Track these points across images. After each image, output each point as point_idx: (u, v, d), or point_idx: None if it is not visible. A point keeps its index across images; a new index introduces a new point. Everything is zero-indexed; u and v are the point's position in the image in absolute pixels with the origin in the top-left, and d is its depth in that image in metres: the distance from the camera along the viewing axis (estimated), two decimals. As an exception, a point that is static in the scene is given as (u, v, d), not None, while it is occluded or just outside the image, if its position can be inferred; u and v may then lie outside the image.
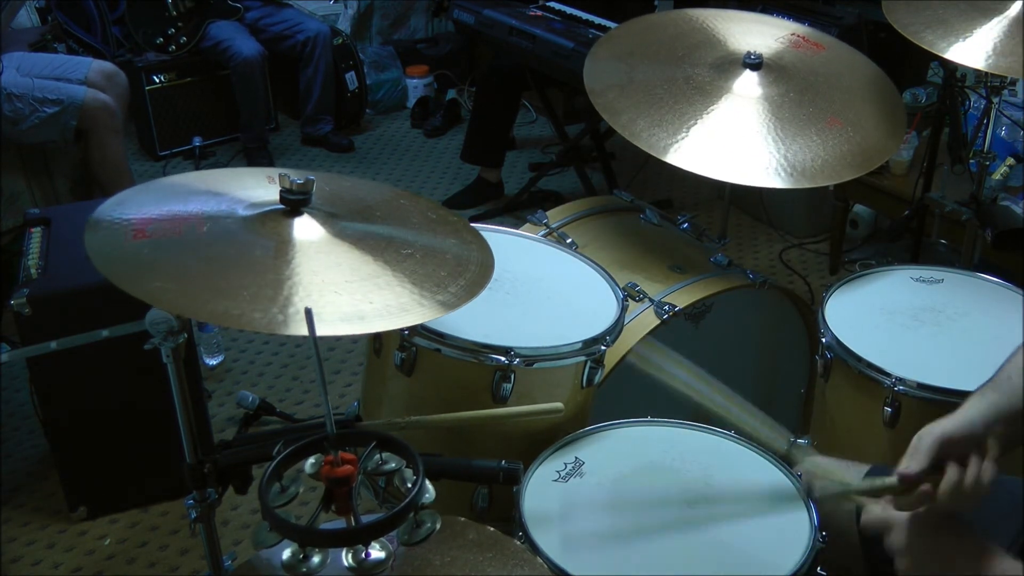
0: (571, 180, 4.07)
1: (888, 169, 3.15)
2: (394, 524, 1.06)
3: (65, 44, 3.85)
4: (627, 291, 1.99)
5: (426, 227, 1.44)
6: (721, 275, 2.10)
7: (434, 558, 1.31)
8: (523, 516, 1.41)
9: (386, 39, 5.22)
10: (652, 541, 1.39)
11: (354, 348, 3.00)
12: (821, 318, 1.84)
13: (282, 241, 1.23)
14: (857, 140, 1.93)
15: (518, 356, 1.66)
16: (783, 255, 3.61)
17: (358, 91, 4.66)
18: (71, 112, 3.15)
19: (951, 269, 2.01)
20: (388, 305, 1.18)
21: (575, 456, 1.56)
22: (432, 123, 4.75)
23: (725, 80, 2.00)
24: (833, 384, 1.83)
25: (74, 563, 2.27)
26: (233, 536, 2.33)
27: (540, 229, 2.23)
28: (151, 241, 1.22)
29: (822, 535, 1.38)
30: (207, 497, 1.34)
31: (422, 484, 1.08)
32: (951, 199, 2.39)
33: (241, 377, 2.92)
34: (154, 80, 4.24)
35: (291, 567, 1.05)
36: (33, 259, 2.26)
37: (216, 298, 1.13)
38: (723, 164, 1.86)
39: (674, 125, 1.90)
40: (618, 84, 2.02)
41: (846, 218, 3.45)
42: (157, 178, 1.46)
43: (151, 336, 1.24)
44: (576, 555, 1.35)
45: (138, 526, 2.37)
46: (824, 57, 2.12)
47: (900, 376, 1.67)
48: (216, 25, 4.22)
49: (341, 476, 1.06)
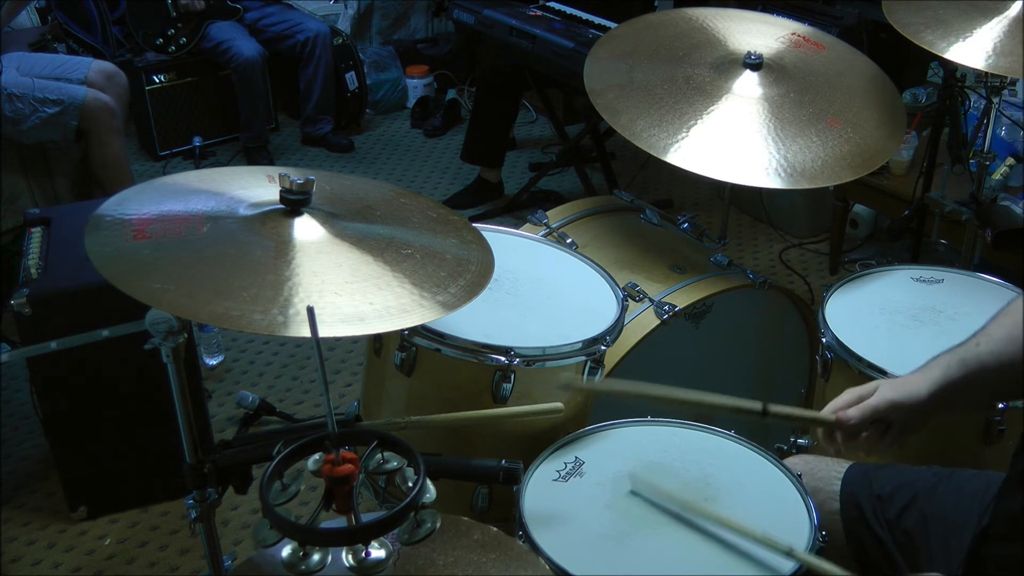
0: (571, 180, 4.07)
1: (888, 169, 3.15)
2: (395, 523, 1.06)
3: (65, 44, 3.85)
4: (627, 291, 1.99)
5: (426, 227, 1.44)
6: (721, 275, 2.10)
7: (438, 558, 1.31)
8: (523, 516, 1.41)
9: (386, 39, 5.22)
10: (652, 541, 1.39)
11: (354, 348, 3.00)
12: (821, 318, 1.84)
13: (282, 241, 1.23)
14: (857, 140, 1.93)
15: (518, 356, 1.66)
16: (783, 255, 3.61)
17: (358, 91, 4.67)
18: (71, 112, 3.15)
19: (951, 269, 2.01)
20: (388, 306, 1.18)
21: (575, 456, 1.56)
22: (432, 123, 4.75)
23: (725, 80, 2.00)
24: (833, 384, 1.83)
25: (74, 563, 2.27)
26: (233, 536, 2.33)
27: (540, 229, 2.23)
28: (151, 241, 1.22)
29: (822, 535, 1.38)
30: (207, 497, 1.35)
31: (423, 483, 1.08)
32: (951, 199, 2.39)
33: (241, 377, 2.92)
34: (154, 80, 4.24)
35: (291, 565, 1.05)
36: (33, 259, 2.26)
37: (216, 299, 1.13)
38: (723, 164, 1.86)
39: (674, 125, 1.90)
40: (618, 84, 2.02)
41: (846, 218, 3.45)
42: (157, 178, 1.46)
43: (151, 336, 1.24)
44: (576, 555, 1.35)
45: (138, 526, 2.37)
46: (824, 57, 2.12)
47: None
48: (216, 26, 4.22)
49: (342, 475, 1.06)
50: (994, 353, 1.28)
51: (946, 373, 1.29)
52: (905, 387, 1.30)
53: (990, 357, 1.28)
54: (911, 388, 1.29)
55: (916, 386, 1.29)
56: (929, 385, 1.29)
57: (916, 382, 1.30)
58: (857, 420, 1.30)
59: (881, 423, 1.31)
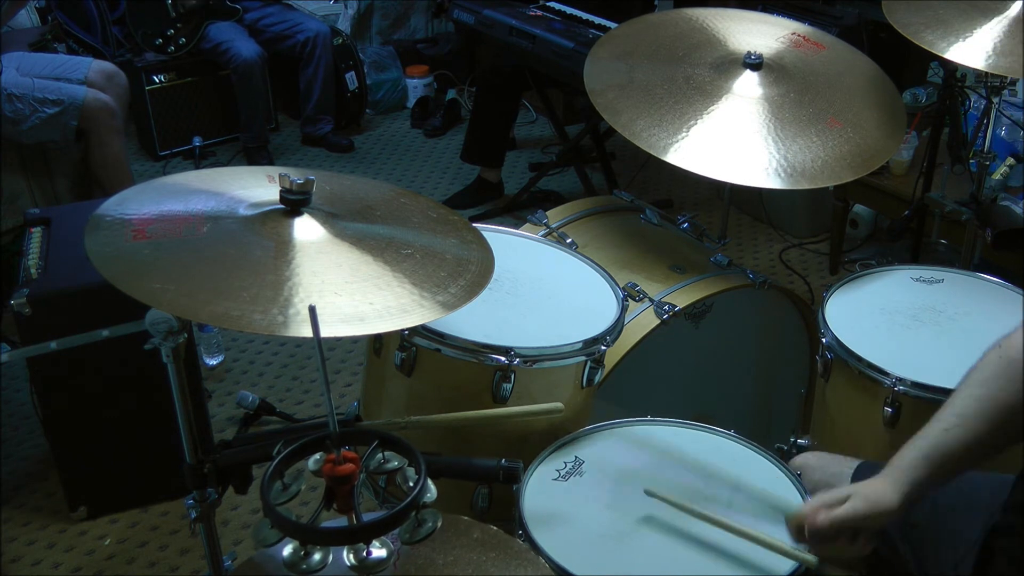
0: (571, 180, 4.07)
1: (888, 169, 3.15)
2: (396, 523, 1.06)
3: (65, 44, 3.85)
4: (627, 291, 1.99)
5: (426, 227, 1.44)
6: (721, 275, 2.10)
7: (438, 557, 1.31)
8: (523, 515, 1.41)
9: (386, 39, 5.22)
10: (652, 541, 1.40)
11: (354, 348, 3.00)
12: (821, 318, 1.84)
13: (282, 241, 1.23)
14: (857, 141, 1.93)
15: (518, 356, 1.66)
16: (783, 255, 3.61)
17: (358, 91, 4.66)
18: (72, 112, 3.15)
19: (951, 269, 2.01)
20: (388, 306, 1.18)
21: (575, 456, 1.56)
22: (432, 123, 4.75)
23: (725, 80, 2.00)
24: (833, 384, 1.83)
25: (74, 563, 2.27)
26: (233, 536, 2.33)
27: (540, 229, 2.23)
28: (151, 241, 1.22)
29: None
30: (207, 497, 1.35)
31: (424, 483, 1.08)
32: (951, 199, 2.39)
33: (241, 377, 2.92)
34: (154, 80, 4.24)
35: (292, 565, 1.05)
36: (33, 259, 2.26)
37: (216, 299, 1.13)
38: (723, 164, 1.86)
39: (674, 125, 1.90)
40: (618, 84, 2.02)
41: (846, 218, 3.45)
42: (157, 178, 1.46)
43: (151, 336, 1.24)
44: (576, 554, 1.35)
45: (138, 526, 2.37)
46: (824, 57, 2.12)
47: (900, 376, 1.67)
48: (216, 26, 4.22)
49: (344, 474, 1.06)
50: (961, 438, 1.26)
51: (915, 479, 1.27)
52: (875, 498, 1.28)
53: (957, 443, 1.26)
54: (882, 498, 1.27)
55: (886, 496, 1.27)
56: (898, 492, 1.27)
57: (885, 492, 1.28)
58: (827, 529, 1.30)
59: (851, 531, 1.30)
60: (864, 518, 1.28)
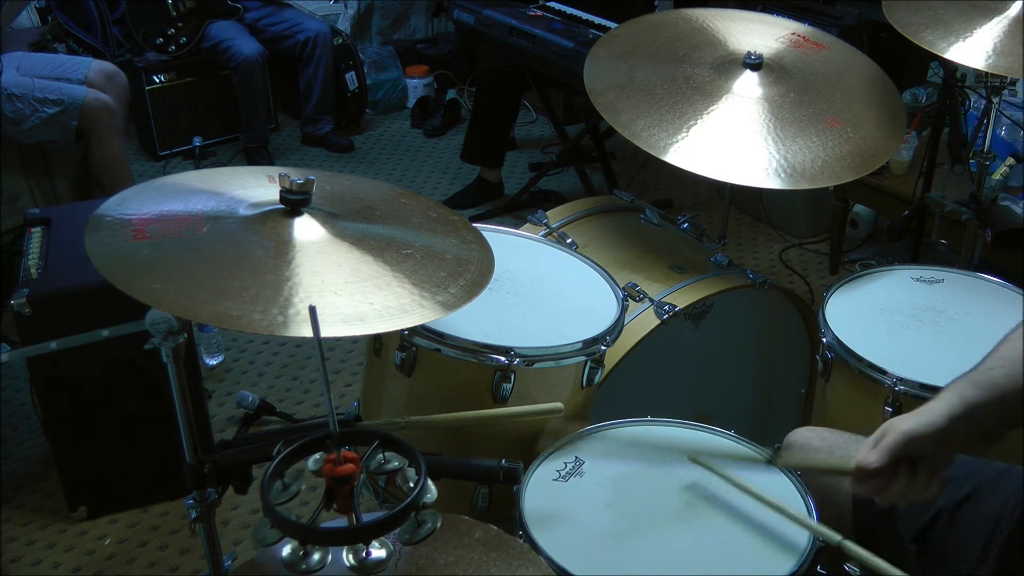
0: (571, 180, 4.07)
1: (888, 169, 3.15)
2: (396, 523, 1.06)
3: (65, 44, 3.85)
4: (627, 291, 1.99)
5: (426, 227, 1.44)
6: (721, 275, 2.10)
7: (438, 557, 1.31)
8: (523, 515, 1.41)
9: (386, 39, 5.22)
10: (652, 541, 1.40)
11: (354, 348, 3.00)
12: (821, 318, 1.84)
13: (282, 241, 1.23)
14: (857, 141, 1.93)
15: (518, 356, 1.66)
16: (783, 255, 3.61)
17: (358, 91, 4.66)
18: (72, 112, 3.15)
19: (951, 269, 2.01)
20: (388, 306, 1.18)
21: (575, 456, 1.56)
22: (432, 123, 4.75)
23: (725, 80, 2.00)
24: (833, 384, 1.83)
25: (74, 563, 2.27)
26: (233, 536, 2.33)
27: (540, 229, 2.23)
28: (151, 241, 1.22)
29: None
30: (207, 497, 1.35)
31: (424, 483, 1.08)
32: (951, 199, 2.39)
33: (241, 377, 2.92)
34: (154, 80, 4.24)
35: (292, 565, 1.05)
36: (33, 259, 2.26)
37: (216, 299, 1.13)
38: (723, 164, 1.86)
39: (674, 125, 1.90)
40: (618, 84, 2.02)
41: (846, 218, 3.45)
42: (157, 178, 1.46)
43: (151, 336, 1.24)
44: (576, 555, 1.35)
45: (138, 526, 2.37)
46: (824, 57, 2.12)
47: (900, 376, 1.67)
48: (216, 25, 4.22)
49: (344, 474, 1.06)
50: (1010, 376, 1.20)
51: (962, 395, 1.21)
52: (920, 417, 1.21)
53: (1006, 380, 1.21)
54: (927, 416, 1.20)
55: (933, 413, 1.20)
56: (947, 408, 1.20)
57: (931, 409, 1.21)
58: (877, 463, 1.20)
59: (907, 461, 1.21)
60: (912, 439, 1.19)
